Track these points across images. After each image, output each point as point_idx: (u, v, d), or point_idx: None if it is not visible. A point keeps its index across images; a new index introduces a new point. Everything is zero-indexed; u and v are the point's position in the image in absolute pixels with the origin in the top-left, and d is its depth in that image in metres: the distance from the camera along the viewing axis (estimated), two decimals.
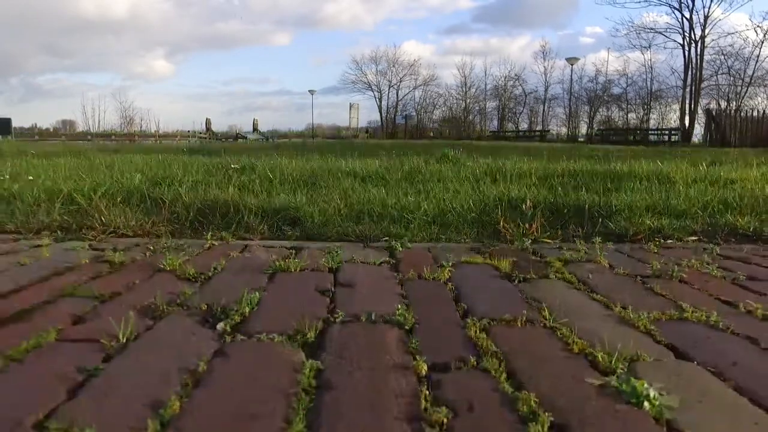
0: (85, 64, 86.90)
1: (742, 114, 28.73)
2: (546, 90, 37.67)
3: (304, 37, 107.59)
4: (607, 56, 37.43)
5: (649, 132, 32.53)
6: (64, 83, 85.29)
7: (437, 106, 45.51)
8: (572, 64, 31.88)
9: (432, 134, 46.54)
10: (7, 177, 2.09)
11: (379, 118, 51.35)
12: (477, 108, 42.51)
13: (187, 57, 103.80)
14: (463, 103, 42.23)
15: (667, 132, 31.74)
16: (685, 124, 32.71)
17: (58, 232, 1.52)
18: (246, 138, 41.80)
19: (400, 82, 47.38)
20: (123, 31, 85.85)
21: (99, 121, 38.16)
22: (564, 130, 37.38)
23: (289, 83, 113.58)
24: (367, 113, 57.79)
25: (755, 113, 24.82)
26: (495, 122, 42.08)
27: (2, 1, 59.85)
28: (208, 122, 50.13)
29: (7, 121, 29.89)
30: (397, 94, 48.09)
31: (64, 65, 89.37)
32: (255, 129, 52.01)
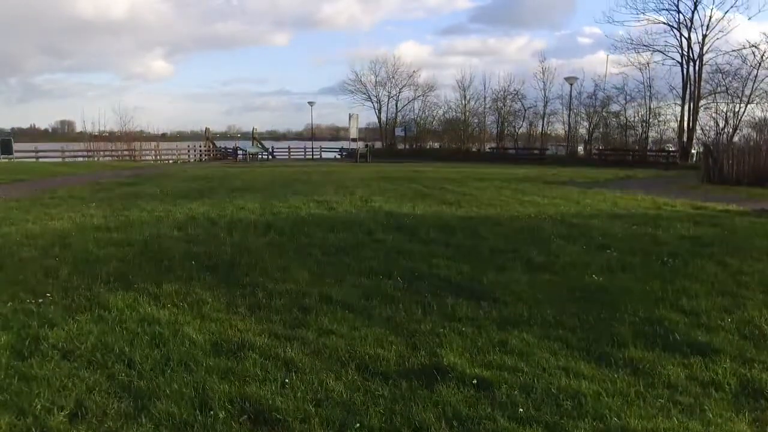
0: (84, 65, 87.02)
1: (739, 140, 28.98)
2: (545, 105, 37.86)
3: (303, 37, 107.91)
4: (605, 72, 37.50)
5: (648, 153, 32.75)
6: (63, 83, 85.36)
7: (436, 117, 45.68)
8: (571, 84, 32.05)
9: (430, 145, 46.76)
10: None
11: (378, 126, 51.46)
12: (476, 121, 42.66)
13: (186, 57, 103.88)
14: (462, 117, 42.35)
15: (665, 154, 32.03)
16: (683, 142, 32.96)
17: None
18: (245, 151, 41.86)
19: (399, 92, 47.58)
20: (122, 31, 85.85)
21: (99, 127, 38.17)
22: (563, 143, 37.55)
23: (287, 83, 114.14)
24: (366, 117, 57.64)
25: (752, 141, 25.08)
26: (494, 134, 42.23)
27: (2, 1, 59.67)
28: (207, 132, 50.05)
29: (8, 142, 29.96)
30: (396, 105, 48.29)
31: (62, 65, 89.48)
32: (253, 138, 51.95)
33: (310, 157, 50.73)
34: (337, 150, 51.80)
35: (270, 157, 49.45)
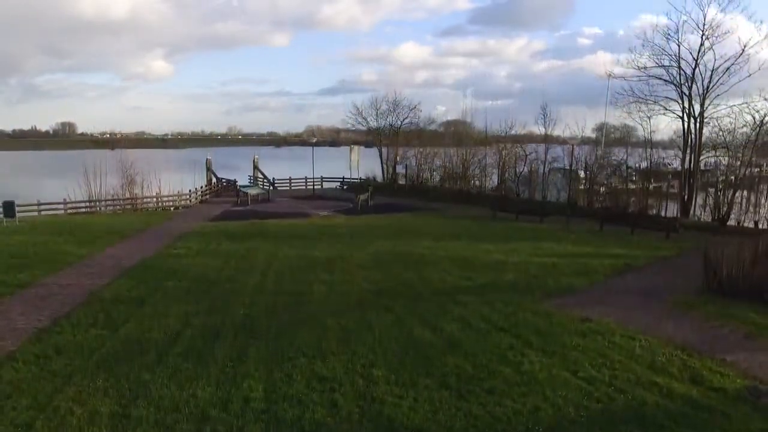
0: (84, 65, 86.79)
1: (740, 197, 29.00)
2: (545, 152, 37.83)
3: (303, 37, 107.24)
4: (604, 124, 37.42)
5: (650, 217, 32.79)
6: (63, 84, 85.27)
7: (437, 153, 45.73)
8: (572, 146, 32.07)
9: (430, 178, 46.84)
10: None
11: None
12: (476, 159, 42.69)
13: (186, 57, 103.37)
14: (464, 162, 42.43)
15: (664, 220, 32.00)
16: (684, 197, 33.04)
17: None
18: (246, 194, 41.84)
19: (401, 126, 47.56)
20: (122, 31, 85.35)
21: (102, 188, 38.26)
22: (564, 194, 37.60)
23: (287, 84, 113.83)
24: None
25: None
26: (495, 178, 42.31)
27: (2, 2, 59.32)
28: (208, 163, 50.02)
29: (11, 204, 30.01)
30: (398, 138, 48.25)
31: (62, 66, 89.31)
32: (255, 167, 51.94)
33: (311, 187, 50.92)
34: (339, 180, 52.02)
35: (271, 187, 49.56)
